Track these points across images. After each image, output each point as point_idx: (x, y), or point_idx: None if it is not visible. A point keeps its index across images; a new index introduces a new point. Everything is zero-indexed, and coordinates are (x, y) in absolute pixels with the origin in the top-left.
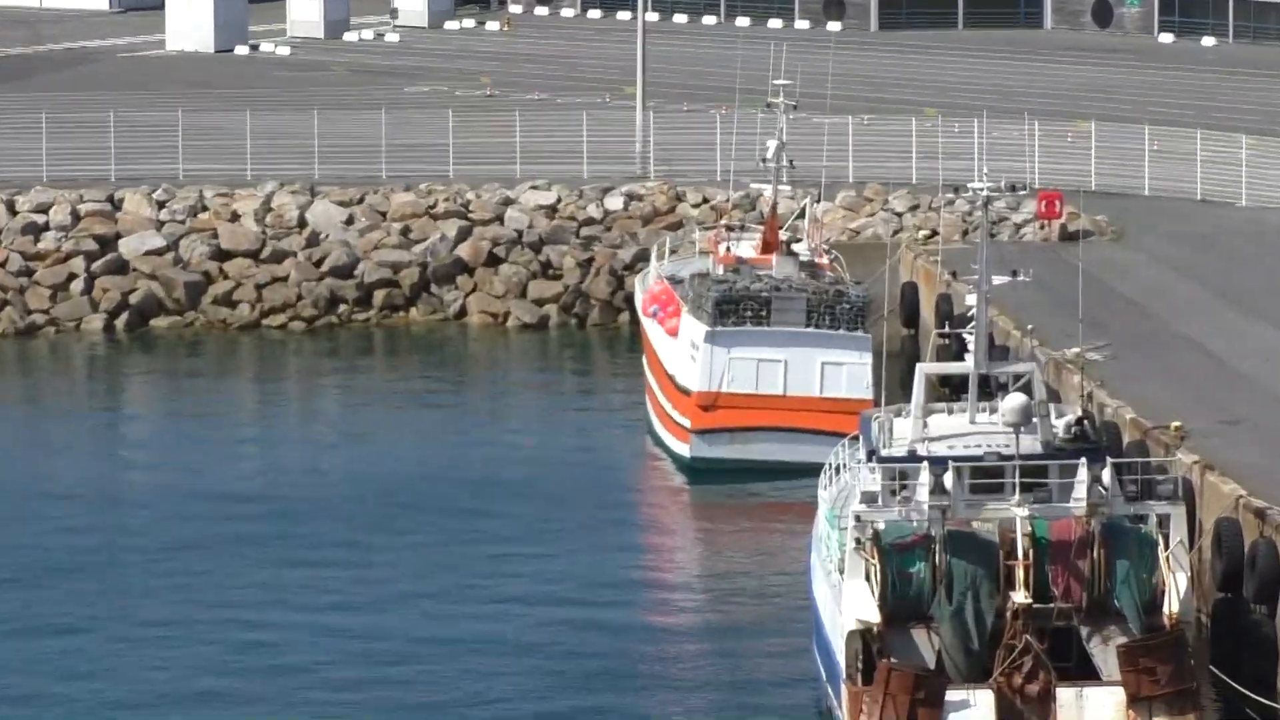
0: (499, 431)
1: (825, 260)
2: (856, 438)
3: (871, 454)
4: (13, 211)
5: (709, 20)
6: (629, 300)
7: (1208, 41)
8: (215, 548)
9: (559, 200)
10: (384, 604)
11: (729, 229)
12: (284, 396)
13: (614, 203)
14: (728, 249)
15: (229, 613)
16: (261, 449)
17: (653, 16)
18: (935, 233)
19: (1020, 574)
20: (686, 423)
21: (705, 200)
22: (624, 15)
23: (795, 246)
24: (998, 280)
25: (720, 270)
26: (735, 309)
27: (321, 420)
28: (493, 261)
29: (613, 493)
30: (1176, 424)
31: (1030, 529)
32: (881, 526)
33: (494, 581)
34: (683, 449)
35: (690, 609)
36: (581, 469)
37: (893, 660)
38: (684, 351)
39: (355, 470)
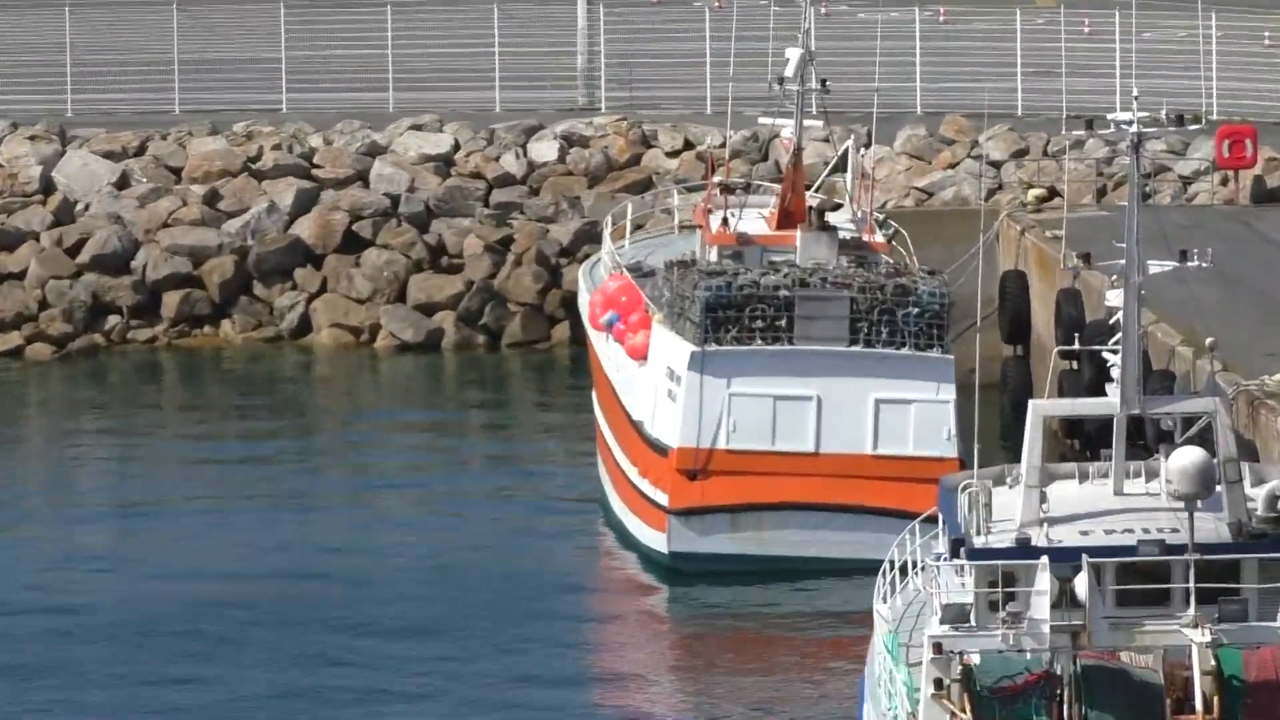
0: (366, 514)
1: (879, 238)
2: (934, 519)
3: (958, 545)
4: None
5: None
6: (569, 305)
7: None
8: None
9: (456, 147)
10: None
11: (726, 190)
12: (21, 457)
13: (544, 150)
14: (725, 222)
15: None
16: None
17: None
18: (1054, 193)
19: None
20: (662, 498)
21: (688, 145)
22: None
23: (832, 217)
24: (1155, 267)
25: (713, 255)
26: (737, 316)
27: (82, 493)
28: (352, 245)
29: (547, 609)
30: None
31: (1214, 663)
32: (976, 660)
33: None
34: (656, 540)
35: None
36: (497, 573)
37: None
38: (657, 385)
39: (139, 569)
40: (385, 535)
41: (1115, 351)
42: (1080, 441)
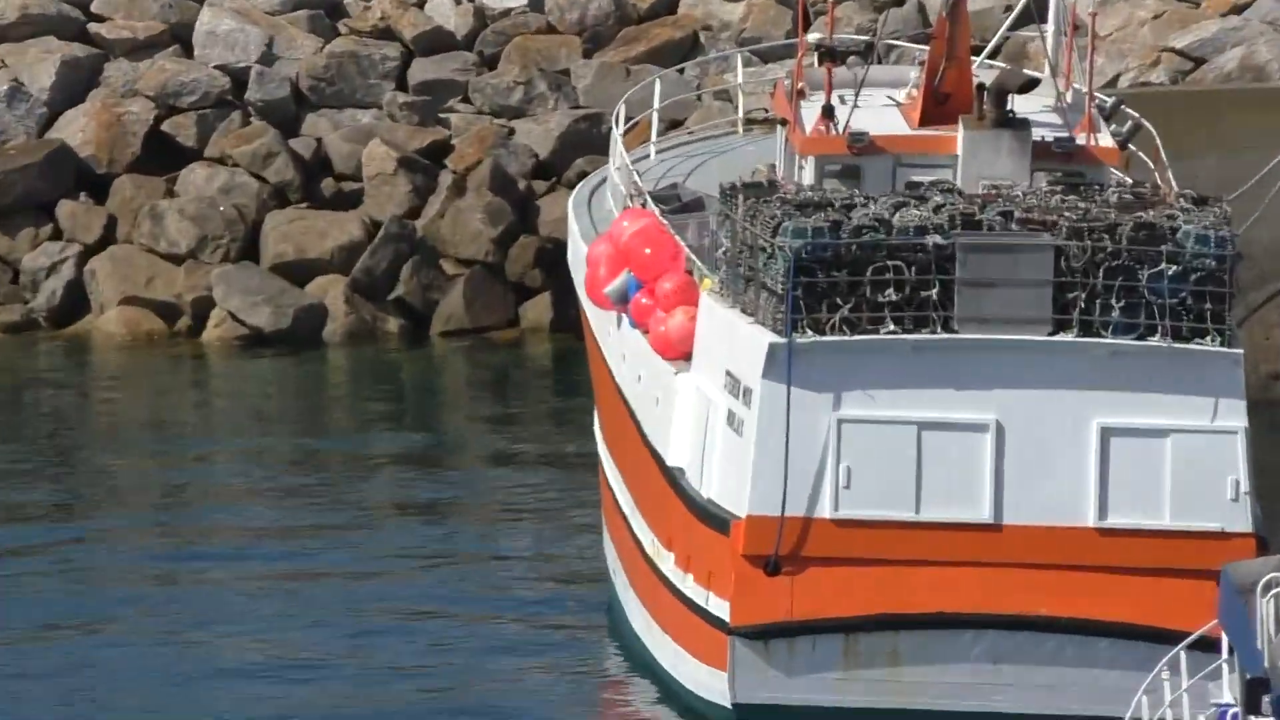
0: (196, 618)
1: (1106, 140)
2: (1212, 644)
3: (1259, 689)
4: None
5: None
6: (551, 263)
7: None
8: None
9: None
10: None
11: (830, 58)
12: None
13: None
14: (828, 113)
15: None
16: None
17: None
18: None
19: None
20: (720, 607)
21: None
22: None
23: (1020, 103)
24: None
25: (808, 174)
26: (852, 283)
27: None
28: (162, 160)
29: None
30: None
31: None
32: None
33: None
34: (710, 681)
35: None
36: None
37: None
38: (708, 405)
39: None
40: (232, 653)
41: None
42: None
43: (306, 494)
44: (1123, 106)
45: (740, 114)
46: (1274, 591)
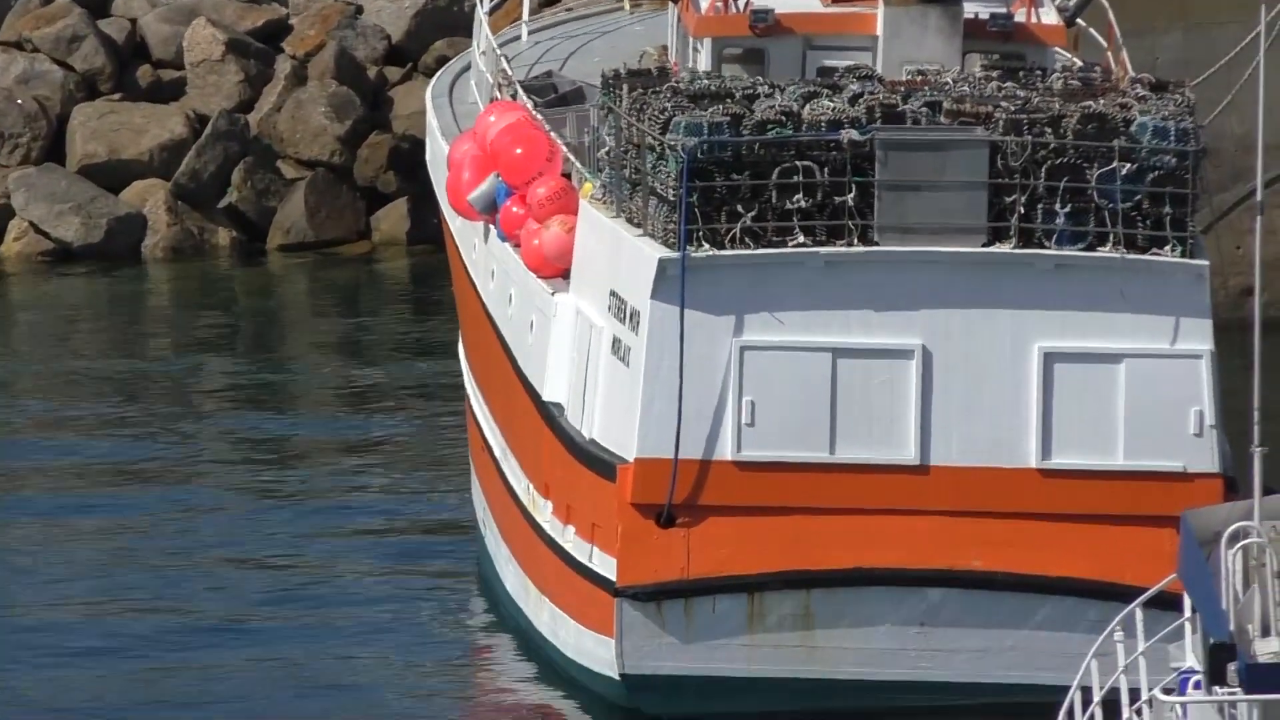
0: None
1: (1050, 15)
2: (1170, 602)
3: (1223, 655)
4: None
5: None
6: (408, 164)
7: None
8: None
9: None
10: None
11: None
12: None
13: None
14: None
15: None
16: None
17: None
18: None
19: None
20: (606, 565)
21: None
22: None
23: None
24: None
25: (703, 59)
26: (754, 187)
27: None
28: None
29: None
30: None
31: None
32: None
33: None
34: (595, 650)
35: None
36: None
37: None
38: (590, 331)
39: None
40: (42, 613)
41: None
42: None
43: (123, 432)
44: None
45: None
46: (1242, 543)
